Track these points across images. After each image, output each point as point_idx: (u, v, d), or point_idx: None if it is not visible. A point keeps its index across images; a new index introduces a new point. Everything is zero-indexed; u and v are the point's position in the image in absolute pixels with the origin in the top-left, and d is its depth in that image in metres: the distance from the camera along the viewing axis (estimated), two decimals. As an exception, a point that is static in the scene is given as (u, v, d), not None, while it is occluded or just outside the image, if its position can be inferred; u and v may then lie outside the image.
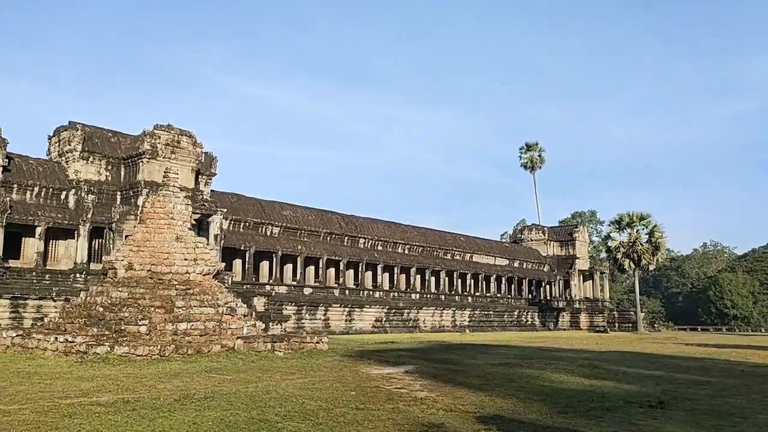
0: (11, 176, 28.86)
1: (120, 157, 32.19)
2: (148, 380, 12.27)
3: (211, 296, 19.92)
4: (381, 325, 40.79)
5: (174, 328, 17.78)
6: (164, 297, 18.70)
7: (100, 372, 13.25)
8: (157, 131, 31.73)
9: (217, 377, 13.17)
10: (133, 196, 31.00)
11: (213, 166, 34.74)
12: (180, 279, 19.88)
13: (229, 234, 35.13)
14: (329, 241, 41.94)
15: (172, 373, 13.53)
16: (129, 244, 20.32)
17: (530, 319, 54.59)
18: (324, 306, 37.81)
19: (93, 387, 11.15)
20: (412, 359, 18.67)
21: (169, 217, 20.69)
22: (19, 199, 28.74)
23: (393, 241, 46.35)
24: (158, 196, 21.16)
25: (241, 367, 15.20)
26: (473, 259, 52.99)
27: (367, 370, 15.24)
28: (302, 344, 20.02)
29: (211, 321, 19.03)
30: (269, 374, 13.98)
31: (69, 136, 31.72)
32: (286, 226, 39.62)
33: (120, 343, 15.99)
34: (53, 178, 30.58)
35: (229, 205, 36.18)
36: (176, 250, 20.23)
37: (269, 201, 40.12)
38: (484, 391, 11.71)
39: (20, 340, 17.30)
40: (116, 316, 17.71)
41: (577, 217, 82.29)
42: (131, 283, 19.15)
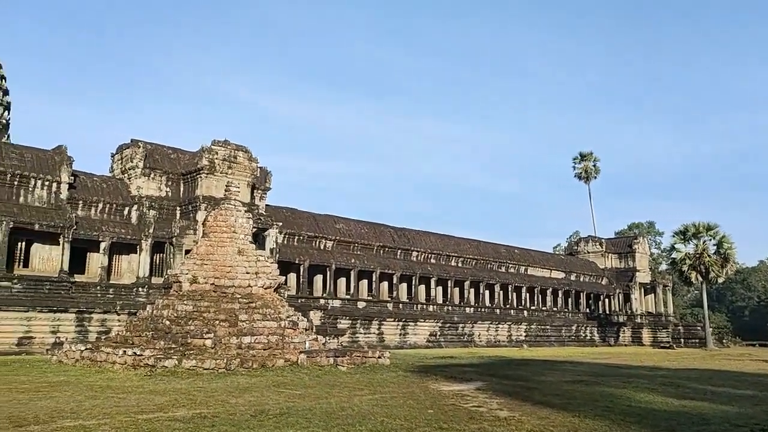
0: (77, 193, 29.65)
1: (179, 172, 32.73)
2: (219, 395, 12.09)
3: (273, 310, 19.80)
4: (435, 339, 40.10)
5: (238, 342, 17.69)
6: (228, 310, 18.67)
7: (171, 386, 13.16)
8: (215, 147, 32.14)
9: (287, 392, 12.90)
10: (192, 210, 31.42)
11: (268, 181, 34.97)
12: (242, 292, 19.85)
13: (283, 248, 35.21)
14: (382, 255, 41.62)
15: (242, 387, 13.35)
16: (193, 257, 20.43)
17: (589, 334, 52.84)
18: (378, 320, 37.42)
19: (167, 401, 11.01)
20: (479, 375, 18.06)
21: (231, 231, 20.76)
22: (84, 215, 29.47)
23: (446, 254, 45.68)
24: (220, 209, 21.26)
25: (307, 382, 14.93)
26: (528, 272, 51.75)
27: (436, 387, 14.74)
28: (364, 359, 19.68)
29: (274, 335, 18.88)
30: (338, 390, 13.65)
31: (131, 153, 32.48)
32: (340, 239, 39.50)
33: (187, 356, 15.96)
34: (116, 195, 31.30)
35: (284, 219, 36.30)
36: (238, 264, 20.25)
37: (323, 215, 40.13)
38: (570, 412, 11.02)
39: (89, 354, 17.49)
40: (182, 330, 17.74)
41: (634, 228, 79.69)
42: (196, 296, 19.21)
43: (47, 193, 28.54)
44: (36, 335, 24.37)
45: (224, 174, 31.61)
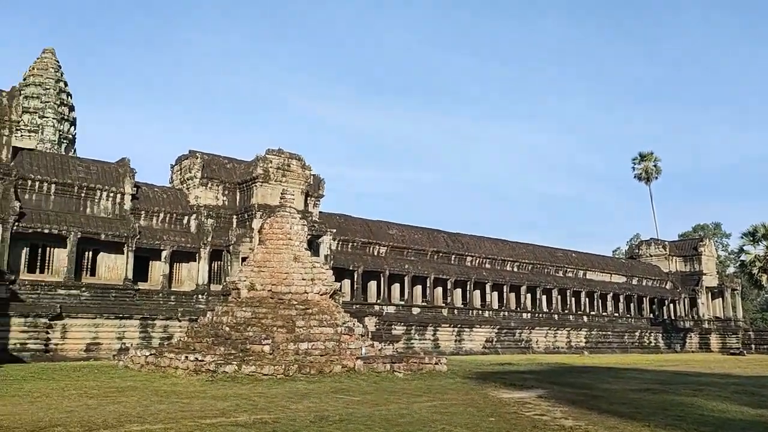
0: (139, 203, 30.67)
1: (235, 182, 33.43)
2: (279, 400, 12.17)
3: (329, 316, 19.88)
4: (492, 345, 39.47)
5: (296, 348, 17.82)
6: (285, 317, 18.84)
7: (232, 391, 13.34)
8: (269, 156, 32.67)
9: (345, 398, 12.88)
10: (248, 219, 32.01)
11: (321, 188, 35.30)
12: (299, 299, 20.01)
13: (337, 254, 35.42)
14: (436, 260, 41.34)
15: (301, 393, 13.42)
16: (250, 264, 20.75)
17: (653, 340, 50.97)
18: (433, 326, 37.13)
19: (229, 407, 11.14)
20: (539, 382, 17.63)
21: (287, 238, 20.98)
22: (146, 225, 30.44)
23: (501, 258, 44.98)
24: (276, 217, 21.53)
25: (365, 388, 14.89)
26: (587, 276, 50.39)
27: (495, 394, 14.44)
28: (421, 365, 19.51)
29: (331, 341, 18.94)
30: (396, 396, 13.54)
31: (189, 164, 33.40)
32: (393, 245, 39.46)
33: (246, 362, 16.17)
34: (176, 204, 32.22)
35: (337, 226, 36.54)
36: (294, 270, 20.43)
37: (376, 221, 40.20)
38: (639, 421, 10.56)
39: (153, 359, 17.96)
40: (241, 336, 18.01)
41: (699, 230, 76.51)
42: (254, 303, 19.48)
43: (112, 204, 29.62)
44: (103, 341, 25.24)
45: (278, 182, 32.08)
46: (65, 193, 28.20)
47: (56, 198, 27.94)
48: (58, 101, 42.24)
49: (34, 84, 41.64)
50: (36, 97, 41.13)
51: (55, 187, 27.93)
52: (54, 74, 42.75)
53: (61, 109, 42.27)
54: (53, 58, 43.42)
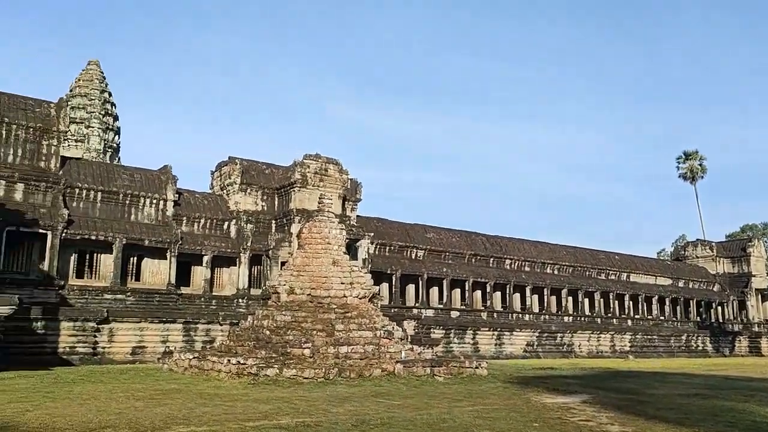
0: (181, 210, 31.30)
1: (273, 187, 33.82)
2: (320, 404, 12.23)
3: (368, 320, 19.90)
4: (533, 349, 38.90)
5: (335, 351, 17.89)
6: (325, 320, 18.95)
7: (274, 394, 13.47)
8: (306, 161, 32.96)
9: (386, 402, 12.86)
10: (287, 223, 32.33)
11: (358, 192, 35.43)
12: (338, 302, 20.10)
13: (375, 258, 35.48)
14: (474, 263, 41.01)
15: (341, 396, 13.45)
16: (289, 269, 20.95)
17: (701, 344, 49.46)
18: (472, 329, 36.81)
19: (271, 409, 11.24)
20: (583, 387, 17.28)
21: (326, 242, 21.11)
22: (188, 231, 31.04)
23: (541, 261, 44.33)
24: (314, 221, 21.70)
25: (406, 392, 14.84)
26: (630, 278, 49.25)
27: (538, 399, 14.22)
28: (461, 369, 19.37)
29: (370, 344, 18.96)
30: (437, 400, 13.46)
31: (229, 170, 33.95)
32: (431, 248, 39.32)
33: (287, 365, 16.31)
34: (216, 210, 32.78)
35: (375, 230, 36.59)
36: (333, 274, 20.54)
37: (413, 224, 40.13)
38: (688, 427, 10.25)
39: (197, 362, 18.27)
40: (282, 339, 18.18)
41: (747, 231, 74.00)
42: (293, 306, 19.65)
43: (155, 210, 30.31)
44: (148, 345, 25.82)
45: (316, 187, 32.32)
46: (111, 201, 28.98)
47: (102, 205, 28.73)
48: (103, 111, 43.51)
49: (80, 95, 42.99)
50: (82, 107, 42.45)
51: (101, 195, 28.73)
52: (99, 85, 44.07)
53: (105, 119, 43.53)
54: (98, 70, 44.78)
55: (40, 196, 26.38)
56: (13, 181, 25.72)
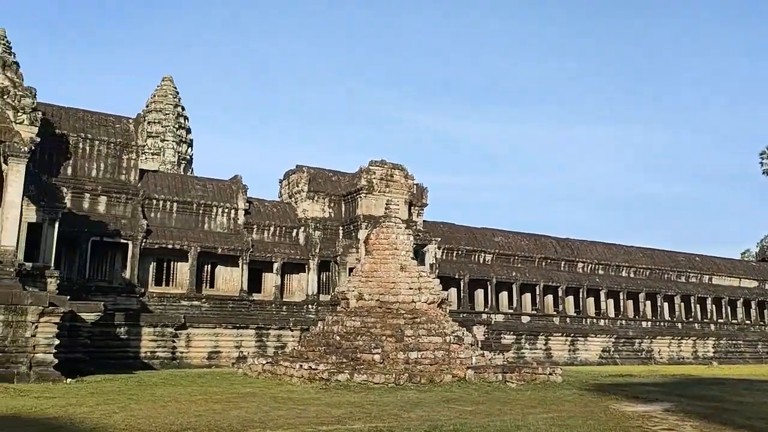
0: (251, 218, 32.17)
1: (340, 194, 34.25)
2: (391, 409, 12.20)
3: (437, 325, 19.76)
4: (609, 355, 37.54)
5: (405, 357, 17.85)
6: (394, 326, 18.95)
7: (345, 399, 13.55)
8: (372, 167, 33.20)
9: (458, 408, 12.70)
10: (354, 230, 32.63)
11: (424, 197, 35.36)
12: (407, 308, 20.06)
13: (442, 263, 35.27)
14: (544, 267, 40.07)
15: (413, 402, 13.38)
16: (358, 275, 21.10)
17: (791, 349, 46.37)
18: (544, 335, 35.90)
19: (343, 414, 11.31)
20: (665, 395, 16.50)
21: (393, 248, 21.14)
22: (258, 239, 31.86)
23: (615, 264, 42.82)
24: (381, 227, 21.77)
25: (477, 398, 14.62)
26: (713, 281, 46.80)
27: (617, 407, 13.67)
28: (534, 375, 18.92)
29: (440, 350, 18.81)
30: (509, 407, 13.18)
31: (297, 178, 34.64)
32: (499, 252, 38.72)
33: (358, 370, 16.40)
34: (285, 218, 33.49)
35: (441, 234, 36.39)
36: (401, 280, 20.52)
37: (480, 228, 39.65)
38: (786, 438, 9.56)
39: (270, 367, 18.66)
40: (352, 345, 18.31)
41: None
42: (362, 312, 19.76)
43: (227, 219, 31.28)
44: (223, 349, 26.58)
45: (382, 193, 32.48)
46: (185, 211, 30.12)
47: (178, 215, 29.90)
48: (177, 125, 45.38)
49: (155, 110, 45.02)
50: (157, 122, 44.41)
51: (177, 205, 29.91)
52: (173, 100, 46.02)
53: (179, 132, 45.37)
54: (171, 85, 46.78)
55: (121, 208, 27.73)
56: (96, 194, 27.17)
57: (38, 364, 16.80)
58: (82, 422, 10.05)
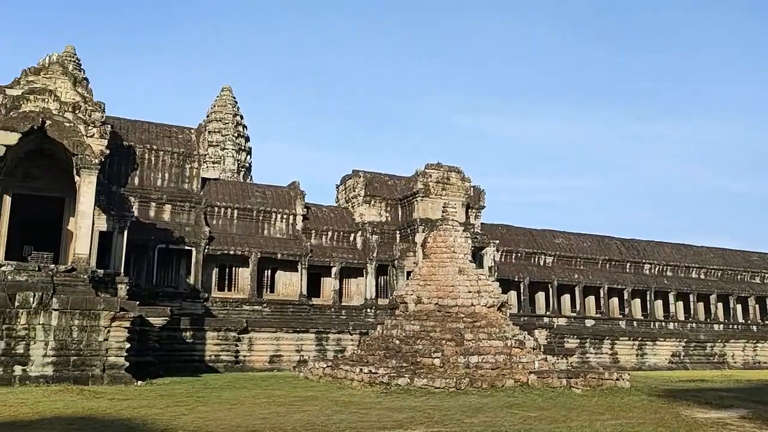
0: (309, 223, 32.63)
1: (396, 198, 34.30)
2: (453, 413, 12.06)
3: (497, 329, 19.45)
4: (679, 360, 36.07)
5: (465, 361, 17.64)
6: (453, 330, 18.77)
7: (406, 403, 13.49)
8: (428, 170, 33.10)
9: (521, 414, 12.43)
10: (410, 233, 32.59)
11: (481, 199, 34.97)
12: (466, 311, 19.84)
13: (501, 265, 34.75)
14: (609, 269, 38.91)
15: (474, 407, 13.19)
16: (416, 278, 21.03)
17: None
18: (610, 339, 34.82)
19: (405, 418, 11.25)
20: (741, 401, 15.68)
21: (451, 251, 20.97)
22: (316, 243, 32.27)
23: (684, 265, 41.15)
24: (438, 230, 21.64)
25: (541, 403, 14.27)
26: (791, 281, 44.32)
27: (689, 413, 13.07)
28: (600, 381, 18.31)
29: (501, 354, 18.50)
30: (575, 413, 12.80)
31: (353, 183, 34.91)
32: (560, 254, 37.86)
33: (418, 375, 16.32)
34: (342, 223, 33.80)
35: (500, 237, 35.89)
36: (460, 283, 20.32)
37: (540, 230, 38.90)
38: None
39: (330, 371, 18.81)
40: (411, 349, 18.24)
41: None
42: (421, 316, 19.67)
43: (285, 225, 31.82)
44: (284, 353, 27.00)
45: (438, 196, 32.32)
46: (245, 217, 30.83)
47: (238, 222, 30.63)
48: (236, 133, 46.56)
49: (215, 120, 46.33)
50: (218, 131, 45.69)
51: (237, 212, 30.65)
52: (231, 109, 47.26)
53: (238, 140, 46.53)
54: (230, 95, 48.08)
55: (185, 216, 28.64)
56: (161, 203, 28.17)
57: (111, 366, 17.49)
58: (154, 423, 10.38)
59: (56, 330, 17.03)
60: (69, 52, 33.29)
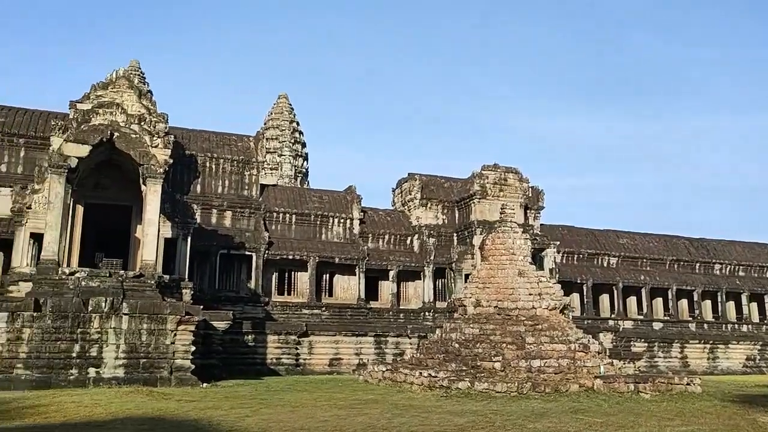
0: (366, 227, 32.78)
1: (453, 200, 34.05)
2: (516, 419, 11.82)
3: (560, 332, 18.99)
4: (755, 364, 34.27)
5: (527, 365, 17.29)
6: (514, 333, 18.44)
7: (467, 407, 13.31)
8: (485, 171, 32.72)
9: (586, 419, 12.06)
10: (468, 236, 32.27)
11: (540, 200, 34.28)
12: (526, 314, 19.45)
13: (562, 267, 33.96)
14: (677, 269, 37.42)
15: (537, 412, 12.90)
16: (474, 281, 20.80)
17: None
18: (679, 342, 33.43)
19: (466, 423, 11.10)
20: (825, 409, 14.70)
21: (510, 253, 20.63)
22: (373, 247, 32.38)
23: (758, 264, 39.11)
24: (497, 232, 21.33)
25: (607, 409, 13.83)
26: None
27: (766, 420, 12.36)
28: (670, 385, 17.63)
29: (564, 358, 18.04)
30: (644, 419, 12.34)
31: (409, 186, 34.89)
32: (625, 255, 36.68)
33: (479, 378, 16.11)
34: (399, 226, 33.80)
35: (560, 238, 35.09)
36: (520, 285, 19.96)
37: (603, 230, 37.80)
38: None
39: (389, 374, 18.80)
40: (471, 352, 18.03)
41: None
42: (480, 319, 19.42)
43: (342, 229, 32.09)
44: (343, 356, 27.18)
45: (496, 197, 31.90)
46: (303, 222, 31.27)
47: (296, 227, 31.10)
48: (293, 140, 47.36)
49: (272, 127, 47.27)
50: (275, 138, 46.59)
51: (295, 218, 31.13)
52: (288, 116, 48.12)
53: (295, 146, 47.31)
54: (286, 102, 48.97)
55: (245, 222, 29.31)
56: (222, 209, 28.92)
57: (177, 369, 18.03)
58: (220, 424, 10.62)
59: (126, 333, 17.70)
60: (134, 66, 34.62)
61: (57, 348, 17.04)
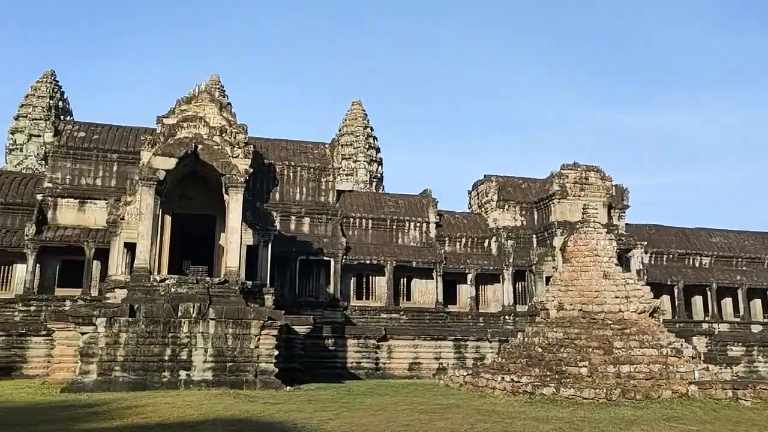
0: (442, 230, 32.59)
1: (531, 201, 33.29)
2: (605, 426, 11.33)
3: (650, 336, 18.08)
4: None
5: (616, 371, 16.56)
6: (600, 337, 17.73)
7: (552, 414, 12.89)
8: (564, 171, 31.80)
9: (680, 427, 11.42)
10: (548, 237, 31.43)
11: (625, 199, 32.96)
12: (613, 318, 18.66)
13: (650, 268, 32.46)
14: (777, 268, 34.94)
15: (627, 419, 12.32)
16: (556, 284, 20.17)
17: None
18: (782, 346, 31.14)
19: (552, 429, 10.75)
20: None
21: (594, 254, 19.88)
22: (450, 251, 32.12)
23: None
24: (579, 233, 20.60)
25: (702, 416, 13.03)
26: None
27: None
28: (774, 393, 16.34)
29: (655, 363, 17.15)
30: (743, 427, 11.58)
31: (486, 188, 34.41)
32: (718, 255, 34.63)
33: (564, 384, 15.57)
34: (476, 229, 33.38)
35: (647, 238, 33.57)
36: (605, 288, 19.17)
37: (693, 229, 35.86)
38: None
39: (471, 379, 18.51)
40: (555, 357, 17.48)
41: None
42: (564, 323, 18.80)
43: (419, 233, 32.04)
44: (422, 361, 27.04)
45: (577, 197, 30.92)
46: (379, 227, 31.47)
47: (373, 231, 31.33)
48: (367, 145, 47.85)
49: (347, 133, 47.96)
50: (349, 144, 47.23)
51: (371, 222, 31.38)
52: (362, 122, 48.69)
53: (369, 152, 47.77)
54: (360, 108, 49.57)
55: (322, 227, 29.82)
56: (300, 216, 29.57)
57: (262, 372, 18.52)
58: (304, 427, 10.79)
59: (213, 338, 18.35)
60: (214, 80, 36.13)
61: (150, 351, 17.88)
